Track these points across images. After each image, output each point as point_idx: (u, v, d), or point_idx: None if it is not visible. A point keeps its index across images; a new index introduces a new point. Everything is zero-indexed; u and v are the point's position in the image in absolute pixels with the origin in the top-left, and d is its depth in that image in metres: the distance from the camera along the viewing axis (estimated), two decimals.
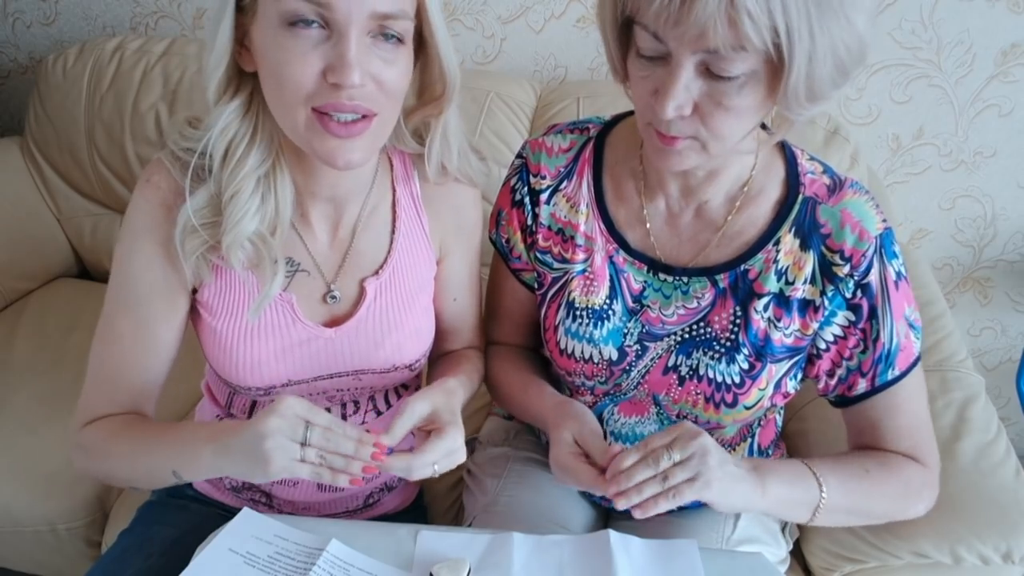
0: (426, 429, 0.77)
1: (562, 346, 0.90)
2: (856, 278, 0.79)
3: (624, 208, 0.88)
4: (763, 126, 0.83)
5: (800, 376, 0.87)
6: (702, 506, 0.74)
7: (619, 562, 0.75)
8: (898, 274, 0.81)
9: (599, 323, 0.88)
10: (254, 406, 0.94)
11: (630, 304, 0.88)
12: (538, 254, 0.92)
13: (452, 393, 0.81)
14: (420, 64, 0.80)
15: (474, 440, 1.16)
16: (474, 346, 1.03)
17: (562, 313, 0.90)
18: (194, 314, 0.88)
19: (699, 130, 0.71)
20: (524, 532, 0.79)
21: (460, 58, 1.64)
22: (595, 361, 0.88)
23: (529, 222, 0.92)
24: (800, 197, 0.82)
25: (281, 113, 0.74)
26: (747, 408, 0.84)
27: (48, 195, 1.72)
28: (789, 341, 0.83)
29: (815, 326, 0.82)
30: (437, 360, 1.02)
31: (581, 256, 0.89)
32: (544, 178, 0.91)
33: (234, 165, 0.78)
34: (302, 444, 0.70)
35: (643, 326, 0.87)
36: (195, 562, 0.73)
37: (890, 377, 0.82)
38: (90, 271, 1.81)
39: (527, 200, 0.91)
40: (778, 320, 0.82)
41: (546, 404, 0.88)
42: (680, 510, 0.98)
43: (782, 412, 1.06)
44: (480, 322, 1.04)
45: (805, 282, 0.81)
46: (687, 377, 0.85)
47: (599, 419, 0.93)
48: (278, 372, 0.87)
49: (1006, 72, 1.44)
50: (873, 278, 0.79)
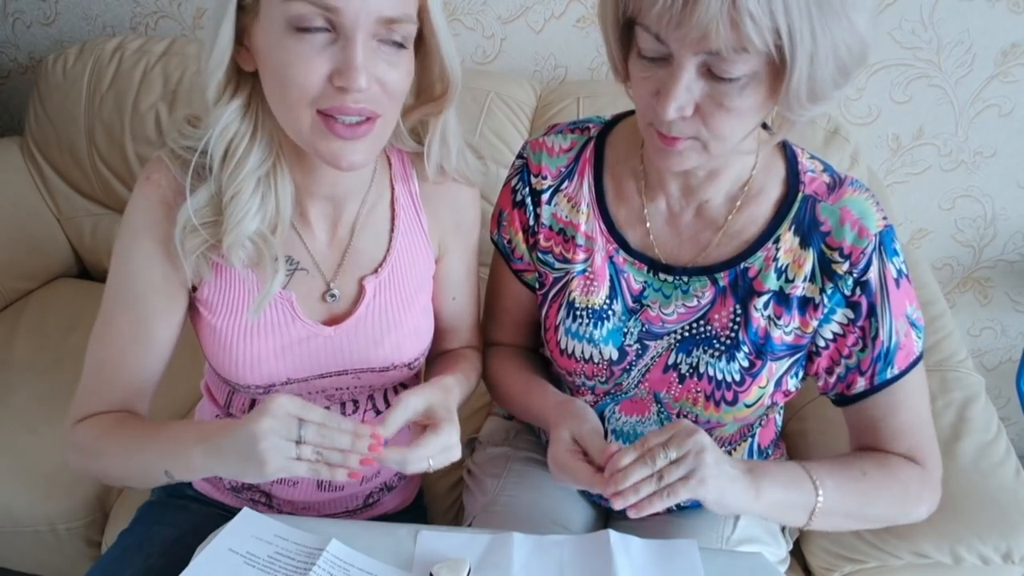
0: (422, 424, 0.77)
1: (562, 346, 0.90)
2: (855, 275, 0.79)
3: (625, 208, 0.88)
4: (764, 126, 0.83)
5: (801, 374, 0.86)
6: (702, 506, 0.74)
7: (619, 562, 0.75)
8: (899, 272, 0.80)
9: (599, 323, 0.88)
10: (253, 405, 0.94)
11: (630, 304, 0.88)
12: (540, 254, 0.92)
13: (449, 390, 0.81)
14: (419, 64, 0.80)
15: (474, 440, 1.16)
16: (472, 346, 1.02)
17: (562, 313, 0.90)
18: (193, 312, 0.88)
19: (700, 131, 0.71)
20: (524, 532, 0.79)
21: (460, 58, 1.65)
22: (595, 361, 0.88)
23: (531, 222, 0.92)
24: (800, 195, 0.82)
25: (284, 115, 0.74)
26: (747, 406, 0.84)
27: (48, 195, 1.72)
28: (789, 339, 0.83)
29: (815, 324, 0.82)
30: (435, 359, 1.02)
31: (581, 256, 0.89)
32: (545, 178, 0.90)
33: (234, 165, 0.78)
34: (297, 442, 0.69)
35: (643, 325, 0.87)
36: (195, 562, 0.73)
37: (889, 376, 0.81)
38: (90, 271, 1.81)
39: (528, 200, 0.91)
40: (778, 318, 0.82)
41: (548, 403, 0.88)
42: (680, 510, 0.99)
43: (782, 412, 1.06)
44: (478, 322, 1.04)
45: (805, 280, 0.81)
46: (687, 375, 0.85)
47: (600, 418, 0.93)
48: (277, 370, 0.87)
49: (1006, 72, 1.44)
50: (872, 275, 0.79)
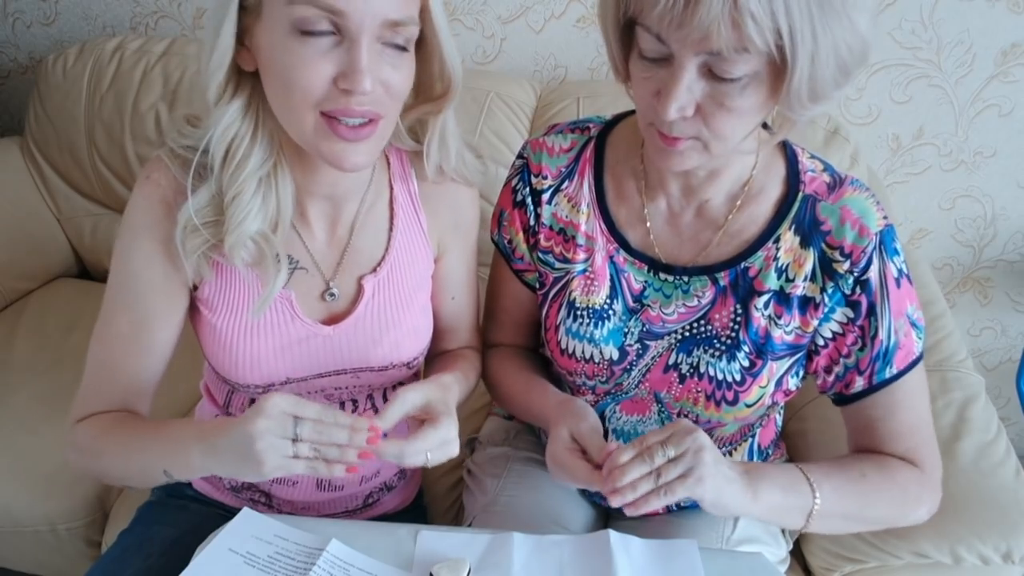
0: (420, 419, 0.77)
1: (563, 346, 0.90)
2: (856, 274, 0.79)
3: (625, 208, 0.88)
4: (764, 125, 0.83)
5: (802, 374, 0.86)
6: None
7: (619, 562, 0.74)
8: (899, 271, 0.80)
9: (599, 323, 0.88)
10: (252, 404, 0.94)
11: (630, 304, 0.88)
12: (540, 254, 0.92)
13: (447, 388, 0.81)
14: (418, 64, 0.80)
15: (474, 440, 1.16)
16: (471, 346, 1.02)
17: (563, 313, 0.90)
18: (193, 311, 0.88)
19: (701, 131, 0.71)
20: (524, 532, 0.79)
21: (460, 58, 1.65)
22: (596, 361, 0.88)
23: (531, 222, 0.92)
24: (800, 195, 0.82)
25: (287, 116, 0.74)
26: (748, 406, 0.84)
27: (48, 195, 1.72)
28: (790, 338, 0.83)
29: (815, 323, 0.82)
30: (434, 359, 1.02)
31: (582, 256, 0.89)
32: (545, 178, 0.90)
33: (235, 166, 0.78)
34: (293, 440, 0.69)
35: (643, 325, 0.87)
36: (195, 562, 0.73)
37: (888, 375, 0.81)
38: (90, 271, 1.81)
39: (529, 200, 0.91)
40: (778, 317, 0.82)
41: (549, 402, 0.88)
42: (680, 510, 0.99)
43: (782, 412, 1.06)
44: (477, 322, 1.04)
45: (805, 279, 0.81)
46: (688, 375, 0.85)
47: (600, 418, 0.93)
48: (277, 369, 0.87)
49: (1006, 72, 1.44)
50: (872, 275, 0.79)
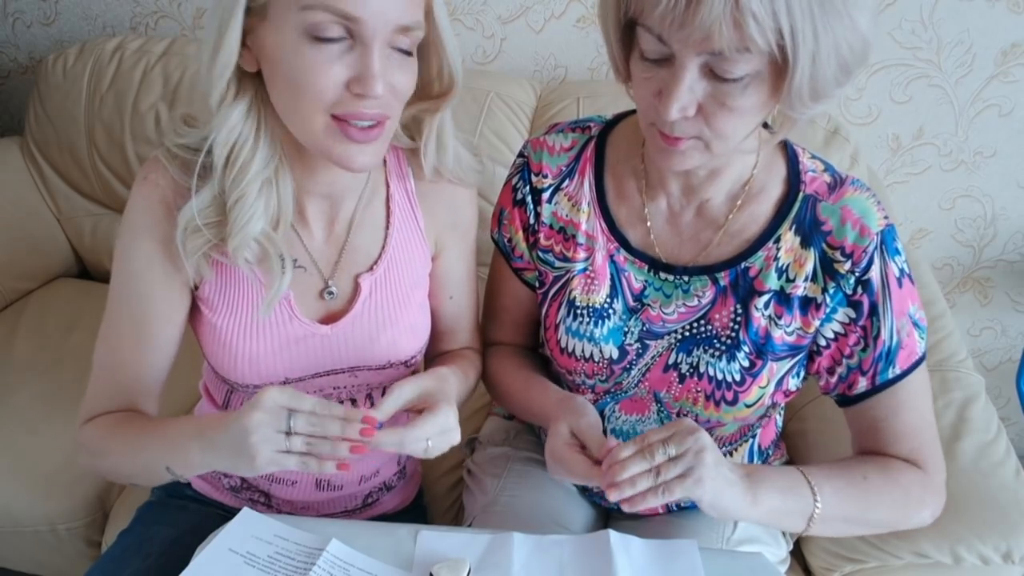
0: (419, 409, 0.77)
1: (563, 344, 0.90)
2: (857, 274, 0.79)
3: (625, 207, 0.88)
4: (765, 125, 0.83)
5: (803, 374, 0.86)
6: None
7: (619, 562, 0.74)
8: (901, 271, 0.80)
9: (600, 322, 0.88)
10: None
11: (630, 303, 0.88)
12: (540, 253, 0.92)
13: (444, 379, 0.81)
14: (418, 63, 0.80)
15: (474, 440, 1.16)
16: (471, 347, 1.02)
17: (563, 312, 0.90)
18: (193, 310, 0.88)
19: (703, 130, 0.71)
20: (524, 532, 0.79)
21: (460, 59, 1.65)
22: (595, 359, 0.88)
23: (531, 221, 0.92)
24: (801, 195, 0.82)
25: (295, 118, 0.74)
26: (748, 406, 0.84)
27: (48, 195, 1.72)
28: (791, 339, 0.83)
29: (817, 324, 0.82)
30: (434, 360, 1.02)
31: (582, 255, 0.89)
32: (546, 177, 0.90)
33: (239, 169, 0.78)
34: (287, 434, 0.69)
35: (643, 324, 0.87)
36: (195, 562, 0.73)
37: (891, 376, 0.81)
38: (90, 271, 1.81)
39: (529, 199, 0.91)
40: (779, 318, 0.82)
41: (550, 400, 0.88)
42: (680, 510, 0.99)
43: (783, 412, 1.06)
44: (477, 323, 1.04)
45: (806, 279, 0.81)
46: (687, 375, 0.85)
47: (599, 417, 0.93)
48: (275, 369, 0.87)
49: (1006, 72, 1.44)
50: (874, 275, 0.79)
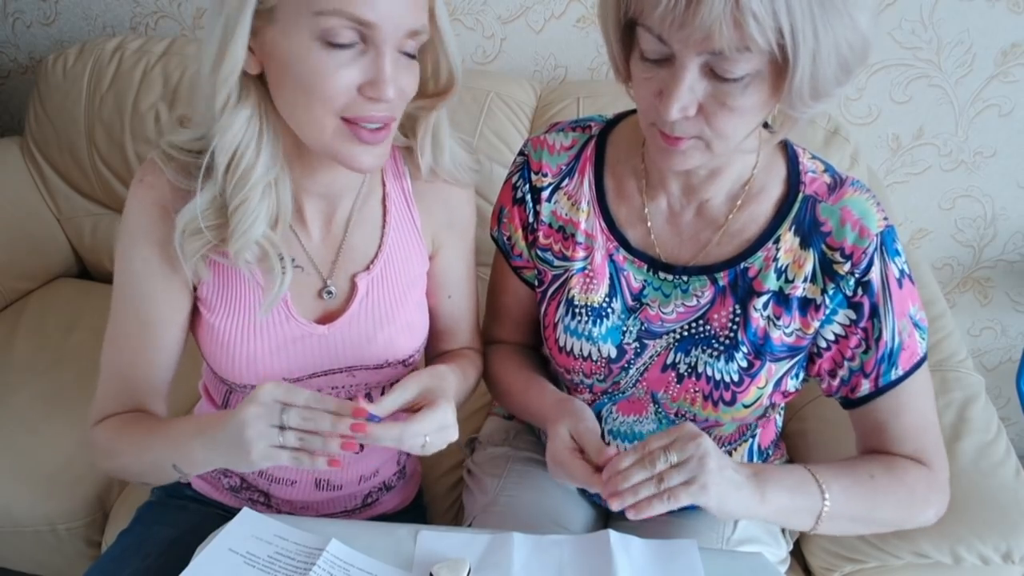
0: (417, 406, 0.77)
1: (561, 343, 0.90)
2: (857, 276, 0.79)
3: (625, 206, 0.88)
4: (765, 125, 0.83)
5: (802, 376, 0.86)
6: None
7: (619, 562, 0.74)
8: (901, 272, 0.80)
9: (598, 321, 0.88)
10: None
11: (629, 302, 0.88)
12: (539, 251, 0.92)
13: (443, 377, 0.81)
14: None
15: (474, 440, 1.16)
16: (471, 347, 1.02)
17: (561, 311, 0.90)
18: (191, 311, 0.88)
19: (703, 130, 0.71)
20: (524, 532, 0.79)
21: (460, 58, 1.65)
22: (594, 359, 0.88)
23: (530, 219, 0.92)
24: (800, 195, 0.82)
25: (305, 120, 0.74)
26: (746, 407, 0.84)
27: (48, 195, 1.72)
28: (790, 340, 0.83)
29: (816, 325, 0.82)
30: (433, 360, 1.02)
31: (581, 254, 0.89)
32: (546, 175, 0.91)
33: (241, 174, 0.77)
34: (281, 428, 0.69)
35: (642, 324, 0.87)
36: (195, 562, 0.73)
37: (894, 377, 0.81)
38: (90, 271, 1.81)
39: (528, 197, 0.91)
40: (777, 318, 0.82)
41: (547, 401, 0.88)
42: (680, 510, 0.98)
43: (783, 412, 1.06)
44: (477, 323, 1.03)
45: (805, 280, 0.81)
46: (685, 375, 0.85)
47: (597, 417, 0.93)
48: (273, 369, 0.87)
49: (1006, 72, 1.44)
50: (874, 276, 0.79)
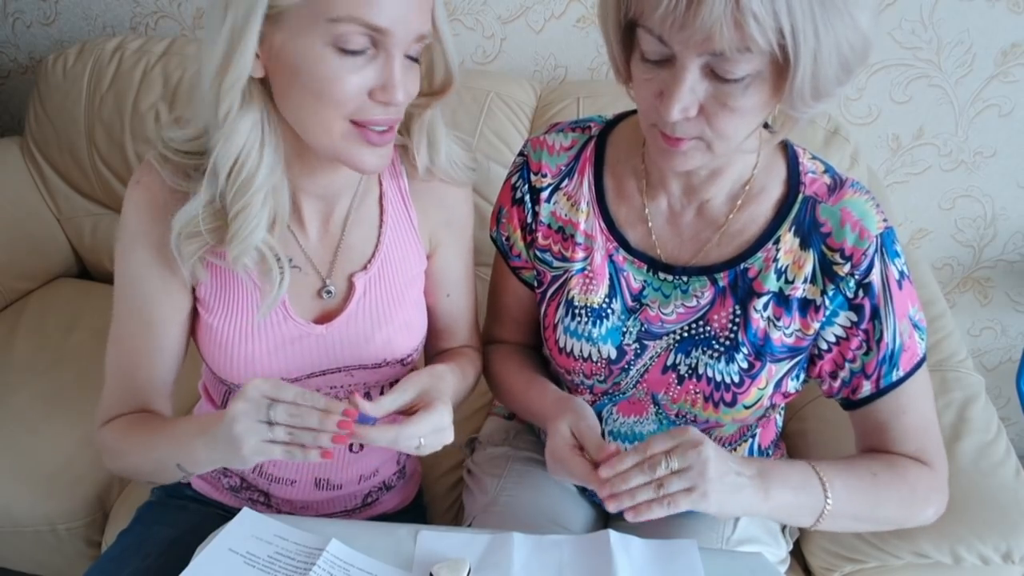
0: (415, 408, 0.77)
1: (561, 344, 0.90)
2: (857, 277, 0.79)
3: (625, 207, 0.88)
4: (765, 125, 0.83)
5: (802, 377, 0.86)
6: None
7: (619, 562, 0.75)
8: (901, 273, 0.80)
9: (598, 321, 0.88)
10: None
11: (629, 303, 0.88)
12: (537, 252, 0.92)
13: (441, 377, 0.81)
14: None
15: (474, 440, 1.16)
16: (470, 345, 1.02)
17: (561, 311, 0.90)
18: (191, 311, 0.88)
19: (704, 131, 0.71)
20: (524, 532, 0.79)
21: (460, 58, 1.65)
22: (594, 359, 0.88)
23: (529, 220, 0.92)
24: (800, 196, 0.82)
25: (312, 123, 0.74)
26: (746, 407, 0.84)
27: (48, 195, 1.72)
28: (790, 341, 0.83)
29: (816, 326, 0.82)
30: (432, 359, 1.02)
31: (581, 255, 0.89)
32: (545, 176, 0.91)
33: (243, 180, 0.77)
34: (269, 424, 0.69)
35: (642, 325, 0.87)
36: (195, 562, 0.73)
37: (895, 378, 0.81)
38: (90, 271, 1.81)
39: (527, 198, 0.91)
40: (777, 319, 0.82)
41: (548, 400, 0.88)
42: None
43: (783, 412, 1.06)
44: (476, 322, 1.04)
45: (805, 281, 0.81)
46: (686, 376, 0.85)
47: (598, 418, 0.93)
48: (271, 369, 0.87)
49: (1006, 72, 1.44)
50: (875, 277, 0.79)
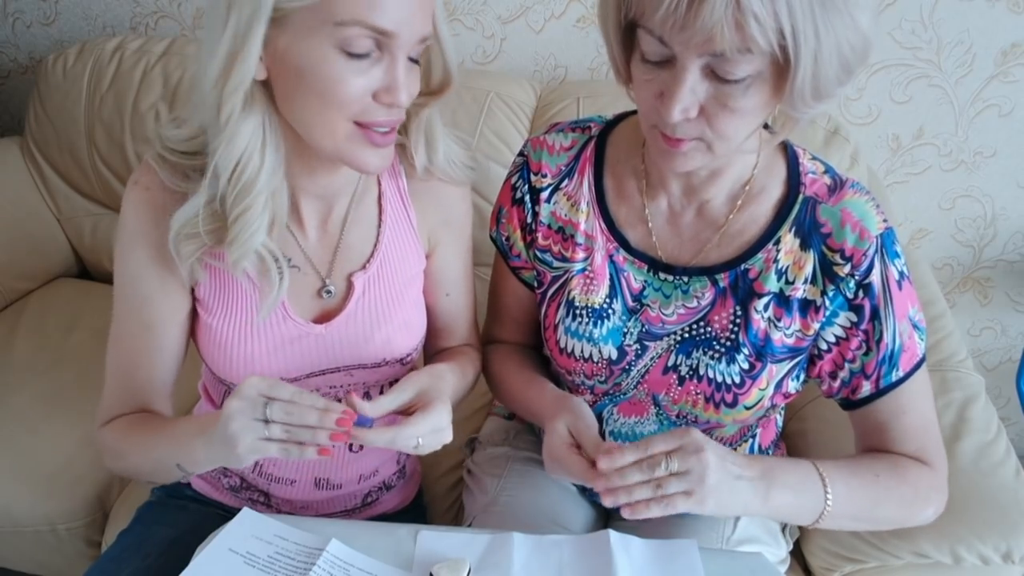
0: (413, 408, 0.77)
1: (562, 345, 0.90)
2: (857, 278, 0.79)
3: (625, 207, 0.88)
4: (765, 126, 0.83)
5: (802, 377, 0.86)
6: None
7: (619, 562, 0.75)
8: (901, 274, 0.80)
9: (599, 322, 0.88)
10: None
11: (630, 303, 0.88)
12: (537, 252, 0.92)
13: (440, 376, 0.81)
14: None
15: (474, 440, 1.16)
16: (469, 344, 1.03)
17: (562, 312, 0.90)
18: (190, 311, 0.88)
19: (705, 131, 0.71)
20: (524, 532, 0.79)
21: (460, 58, 1.66)
22: (595, 360, 0.88)
23: (529, 220, 0.92)
24: (800, 197, 0.82)
25: (317, 124, 0.74)
26: (747, 408, 0.84)
27: (48, 195, 1.72)
28: (790, 341, 0.83)
29: (816, 326, 0.82)
30: (432, 358, 1.02)
31: (581, 255, 0.89)
32: (545, 176, 0.91)
33: (244, 184, 0.77)
34: (265, 422, 0.69)
35: (643, 325, 0.87)
36: (195, 562, 0.73)
37: (894, 379, 0.81)
38: (90, 271, 1.81)
39: (527, 198, 0.91)
40: (778, 320, 0.82)
41: (546, 399, 0.88)
42: None
43: (783, 413, 1.06)
44: (475, 321, 1.04)
45: (806, 282, 0.81)
46: (687, 377, 0.85)
47: (598, 419, 0.93)
48: (270, 369, 0.87)
49: (1006, 72, 1.44)
50: (875, 278, 0.79)
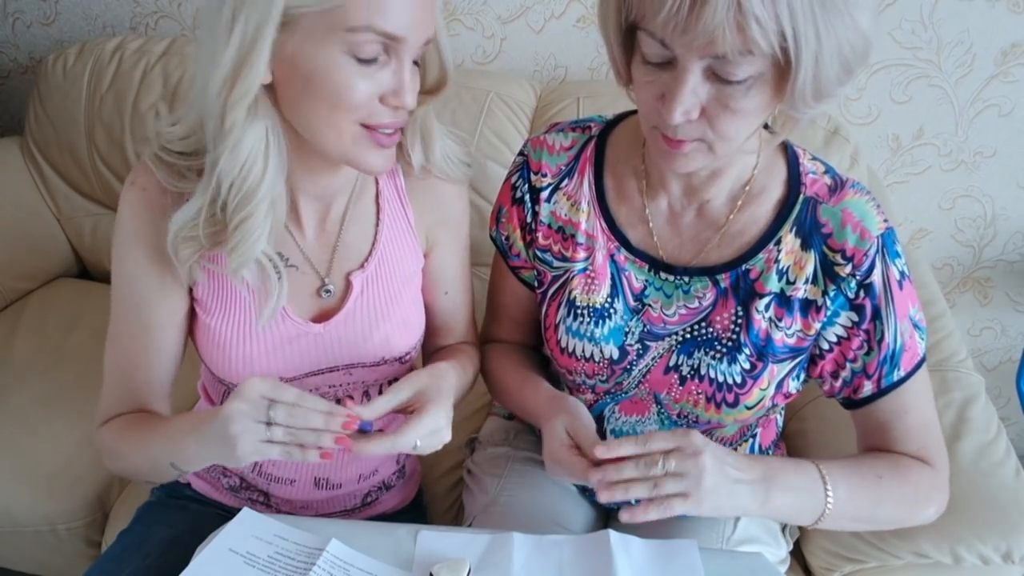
0: (410, 410, 0.77)
1: (563, 344, 0.90)
2: (858, 278, 0.79)
3: (626, 207, 0.88)
4: (765, 126, 0.83)
5: (803, 377, 0.86)
6: None
7: (619, 562, 0.75)
8: (901, 274, 0.80)
9: (600, 321, 0.88)
10: None
11: (631, 303, 0.88)
12: (537, 252, 0.92)
13: (440, 376, 0.81)
14: None
15: (474, 440, 1.16)
16: (468, 341, 1.03)
17: (563, 311, 0.90)
18: (189, 311, 0.88)
19: (706, 132, 0.71)
20: (524, 532, 0.79)
21: (460, 58, 1.66)
22: (596, 360, 0.88)
23: (528, 220, 0.92)
24: (801, 197, 0.82)
25: (323, 128, 0.74)
26: (748, 408, 0.84)
27: (48, 195, 1.72)
28: (791, 341, 0.83)
29: (817, 326, 0.82)
30: (431, 357, 1.02)
31: (582, 255, 0.89)
32: (545, 176, 0.91)
33: (247, 191, 0.76)
34: (267, 424, 0.69)
35: (644, 325, 0.87)
36: (195, 562, 0.73)
37: (896, 378, 0.81)
38: (90, 271, 1.81)
39: (527, 198, 0.91)
40: (779, 320, 0.82)
41: (541, 399, 0.88)
42: None
43: (783, 412, 1.06)
44: (473, 319, 1.04)
45: (806, 282, 0.81)
46: (688, 377, 0.85)
47: (599, 418, 0.93)
48: (270, 369, 0.87)
49: (1006, 72, 1.44)
50: (876, 278, 0.79)
